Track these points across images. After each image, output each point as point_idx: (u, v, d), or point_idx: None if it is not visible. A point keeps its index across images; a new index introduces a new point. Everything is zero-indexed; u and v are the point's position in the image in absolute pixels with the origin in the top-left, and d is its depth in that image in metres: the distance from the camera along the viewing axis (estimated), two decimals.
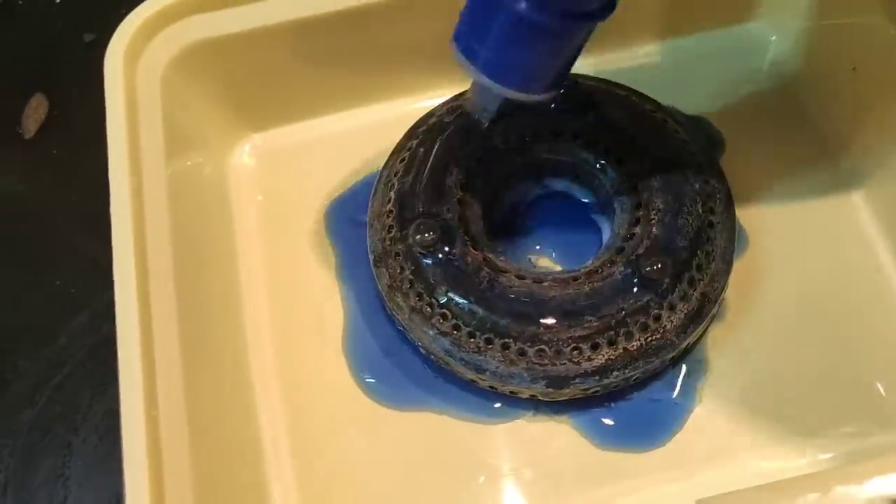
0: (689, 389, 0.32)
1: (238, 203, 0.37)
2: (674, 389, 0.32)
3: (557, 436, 0.31)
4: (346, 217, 0.36)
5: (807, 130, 0.37)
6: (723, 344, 0.33)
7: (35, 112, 0.40)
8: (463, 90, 0.35)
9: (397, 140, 0.35)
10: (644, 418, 0.31)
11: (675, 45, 0.39)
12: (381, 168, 0.35)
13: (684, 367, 0.32)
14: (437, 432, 0.32)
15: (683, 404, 0.32)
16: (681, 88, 0.38)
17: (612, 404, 0.32)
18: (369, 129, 0.38)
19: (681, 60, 0.39)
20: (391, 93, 0.38)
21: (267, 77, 0.36)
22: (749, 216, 0.35)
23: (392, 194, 0.33)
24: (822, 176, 0.36)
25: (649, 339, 0.30)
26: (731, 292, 0.33)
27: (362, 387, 0.33)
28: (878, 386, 0.32)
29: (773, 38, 0.39)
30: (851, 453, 0.31)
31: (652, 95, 0.35)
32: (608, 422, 0.32)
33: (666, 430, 0.31)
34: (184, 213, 0.32)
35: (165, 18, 0.33)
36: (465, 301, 0.30)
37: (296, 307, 0.34)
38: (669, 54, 0.39)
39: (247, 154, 0.38)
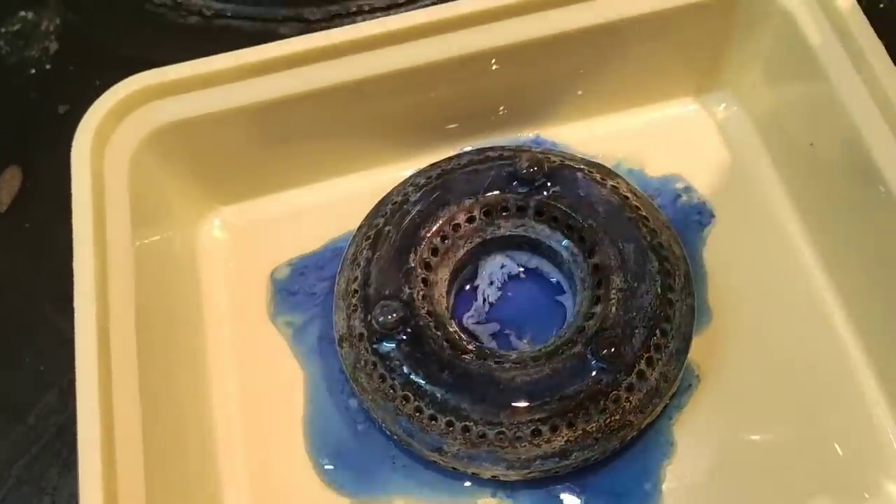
0: (652, 469, 0.32)
1: (207, 276, 0.37)
2: (637, 468, 0.32)
3: None
4: (288, 290, 0.37)
5: (767, 205, 0.37)
6: (684, 420, 0.33)
7: (8, 184, 0.41)
8: (431, 163, 0.36)
9: (367, 211, 0.36)
10: (607, 500, 0.32)
11: (642, 117, 0.40)
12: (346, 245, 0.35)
13: (647, 446, 0.33)
14: None
15: (647, 485, 0.32)
16: (642, 158, 0.39)
17: (577, 486, 0.32)
18: (339, 201, 0.38)
19: (644, 131, 0.40)
20: (360, 165, 0.39)
21: (236, 154, 0.37)
22: (711, 289, 0.36)
23: (357, 273, 0.33)
24: (780, 248, 0.36)
25: (608, 420, 0.30)
26: (694, 366, 0.34)
27: (323, 476, 0.33)
28: (841, 454, 0.32)
29: (735, 108, 0.40)
30: None
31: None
32: (576, 492, 0.32)
33: None
34: (151, 290, 0.33)
35: (134, 102, 0.34)
36: (427, 383, 0.30)
37: (263, 385, 0.35)
38: (634, 125, 0.40)
39: (217, 228, 0.38)
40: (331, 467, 0.33)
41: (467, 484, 0.32)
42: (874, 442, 0.33)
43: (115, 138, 0.34)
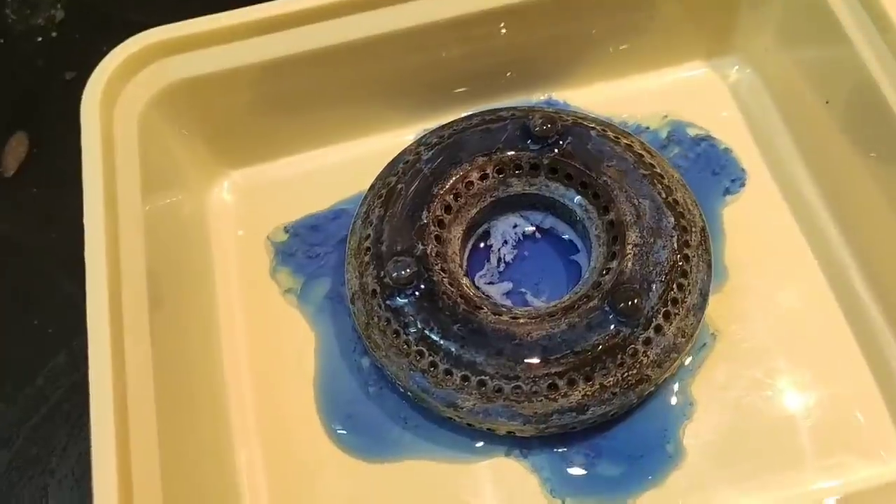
0: (671, 429, 0.32)
1: (217, 239, 0.37)
2: (656, 429, 0.32)
3: (536, 474, 0.31)
4: (292, 252, 0.36)
5: (782, 166, 0.37)
6: (702, 379, 0.33)
7: (15, 150, 0.40)
8: (441, 124, 0.36)
9: (376, 175, 0.35)
10: (625, 460, 0.31)
11: (654, 80, 0.40)
12: (357, 204, 0.35)
13: (665, 404, 0.32)
14: (416, 473, 0.32)
15: (668, 446, 0.31)
16: (654, 121, 0.39)
17: (594, 442, 0.32)
18: (348, 164, 0.38)
19: (656, 94, 0.39)
20: (369, 128, 0.39)
21: (245, 115, 0.36)
22: (728, 249, 0.35)
23: (370, 231, 0.33)
24: (796, 209, 0.36)
25: (626, 374, 0.30)
26: (709, 324, 0.33)
27: (334, 437, 0.32)
28: (863, 420, 0.32)
29: (748, 71, 0.39)
30: (837, 486, 0.31)
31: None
32: (588, 463, 0.31)
33: (648, 472, 0.31)
34: (161, 251, 0.32)
35: (143, 60, 0.33)
36: (442, 338, 0.30)
37: (274, 346, 0.34)
38: (646, 89, 0.40)
39: (226, 191, 0.38)
40: (342, 430, 0.33)
41: (480, 444, 0.32)
42: (892, 401, 0.32)
43: (124, 96, 0.33)
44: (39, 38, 0.44)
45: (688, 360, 0.33)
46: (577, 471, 0.31)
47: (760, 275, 0.35)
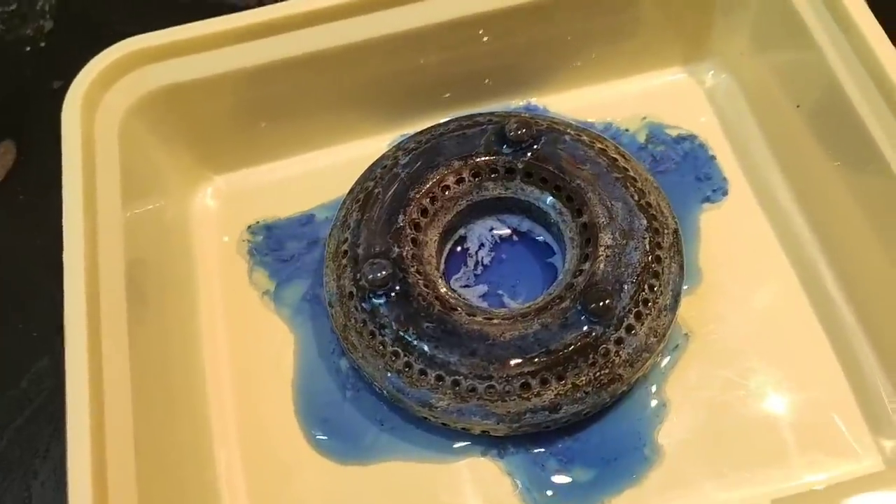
0: (645, 427, 0.32)
1: (200, 245, 0.37)
2: (630, 428, 0.32)
3: (511, 476, 0.32)
4: (265, 254, 0.37)
5: (757, 170, 0.38)
6: (675, 379, 0.33)
7: (3, 158, 0.41)
8: (419, 129, 0.36)
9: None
10: (600, 461, 0.32)
11: (631, 86, 0.40)
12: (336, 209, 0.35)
13: (639, 404, 0.33)
14: (393, 474, 0.32)
15: (641, 445, 0.32)
16: (631, 125, 0.39)
17: (569, 445, 0.32)
18: (330, 169, 0.39)
19: (633, 100, 0.40)
20: (351, 134, 0.39)
21: (227, 121, 0.37)
22: (702, 251, 0.36)
23: (347, 234, 0.33)
24: (771, 212, 0.37)
25: (598, 373, 0.30)
26: (682, 325, 0.34)
27: (311, 440, 0.33)
28: (835, 418, 0.32)
29: (723, 76, 0.40)
30: (812, 482, 0.31)
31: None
32: (563, 467, 0.32)
33: (625, 472, 0.31)
34: (143, 256, 0.33)
35: (124, 67, 0.34)
36: (416, 339, 0.30)
37: (254, 348, 0.35)
38: (623, 94, 0.40)
39: (209, 196, 0.39)
40: (320, 434, 0.33)
41: (456, 444, 0.32)
42: (865, 400, 0.32)
43: (105, 104, 0.34)
44: (28, 48, 0.45)
45: (662, 362, 0.33)
46: (552, 474, 0.32)
47: (734, 277, 0.35)
